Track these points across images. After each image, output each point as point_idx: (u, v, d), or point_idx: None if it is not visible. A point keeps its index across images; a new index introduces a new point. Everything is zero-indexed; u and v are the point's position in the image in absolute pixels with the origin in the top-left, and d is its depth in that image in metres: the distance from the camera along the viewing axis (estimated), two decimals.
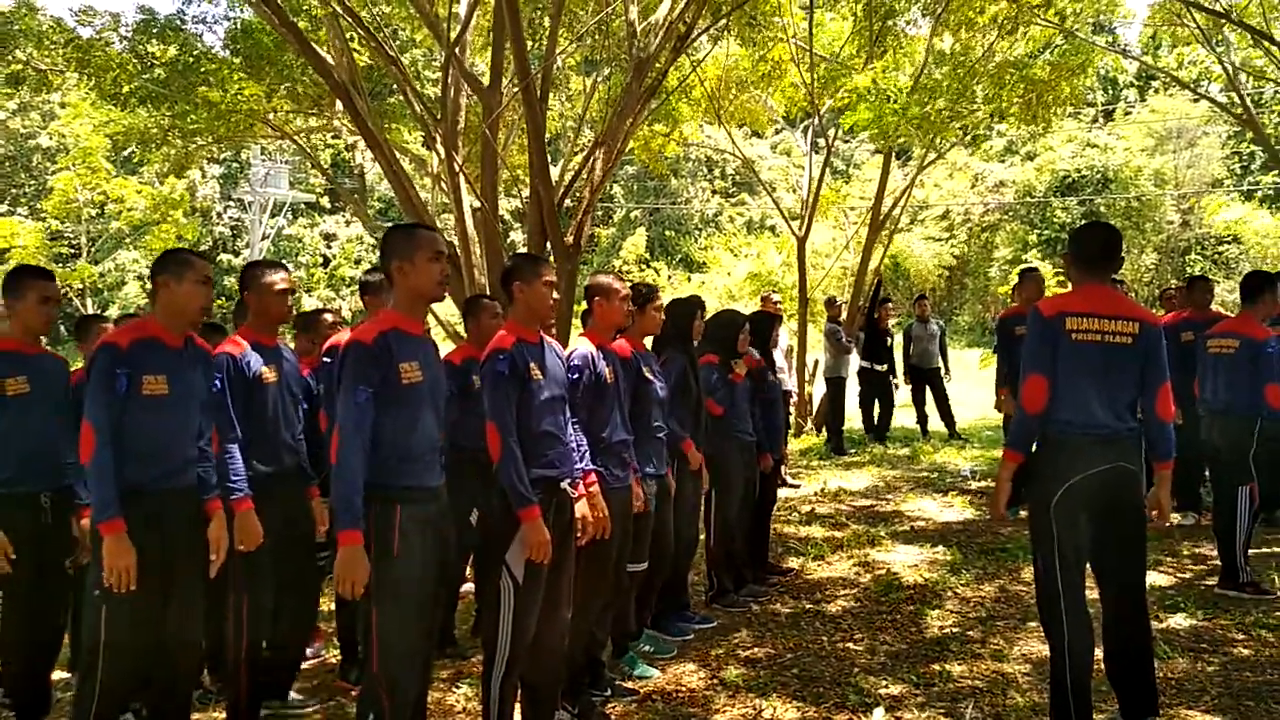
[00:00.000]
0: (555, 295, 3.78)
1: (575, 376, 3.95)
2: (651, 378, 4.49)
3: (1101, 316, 3.57)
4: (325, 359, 4.62)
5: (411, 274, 3.24)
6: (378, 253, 3.35)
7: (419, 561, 3.14)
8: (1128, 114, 33.13)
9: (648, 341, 4.81)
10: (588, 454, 3.91)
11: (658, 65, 9.64)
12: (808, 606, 5.58)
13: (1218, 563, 5.64)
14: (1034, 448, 3.70)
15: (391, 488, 3.12)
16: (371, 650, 3.11)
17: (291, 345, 4.58)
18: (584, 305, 4.40)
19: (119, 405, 3.29)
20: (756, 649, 4.91)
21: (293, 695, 4.35)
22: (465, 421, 4.77)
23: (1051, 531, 3.56)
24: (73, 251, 21.52)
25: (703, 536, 5.62)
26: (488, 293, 8.76)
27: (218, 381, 3.74)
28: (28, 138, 33.18)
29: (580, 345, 4.11)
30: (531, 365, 3.57)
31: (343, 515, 3.02)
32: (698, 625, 5.27)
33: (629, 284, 4.47)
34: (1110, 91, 35.56)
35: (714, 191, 39.54)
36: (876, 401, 11.80)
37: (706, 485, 5.30)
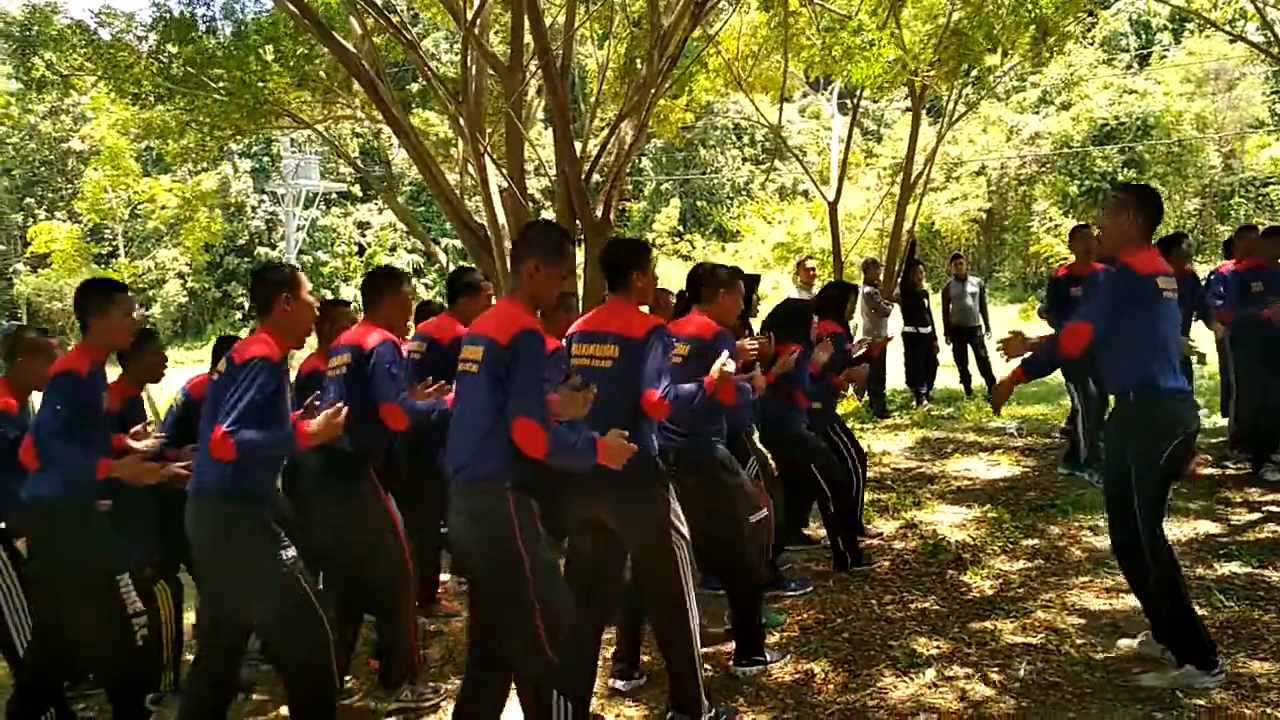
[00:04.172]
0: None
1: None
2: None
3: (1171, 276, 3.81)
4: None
5: (542, 279, 3.25)
6: (523, 242, 3.35)
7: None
8: (1163, 57, 32.32)
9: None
10: None
11: (677, 36, 9.54)
12: (855, 570, 5.55)
13: (1271, 509, 5.72)
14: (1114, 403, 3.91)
15: (527, 483, 3.17)
16: (539, 634, 3.11)
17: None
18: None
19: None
20: (805, 613, 4.90)
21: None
22: None
23: None
24: (111, 250, 21.90)
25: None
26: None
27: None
28: (60, 141, 33.67)
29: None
30: None
31: (580, 447, 3.12)
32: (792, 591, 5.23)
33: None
34: (1144, 36, 34.73)
35: (744, 159, 39.25)
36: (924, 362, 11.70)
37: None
